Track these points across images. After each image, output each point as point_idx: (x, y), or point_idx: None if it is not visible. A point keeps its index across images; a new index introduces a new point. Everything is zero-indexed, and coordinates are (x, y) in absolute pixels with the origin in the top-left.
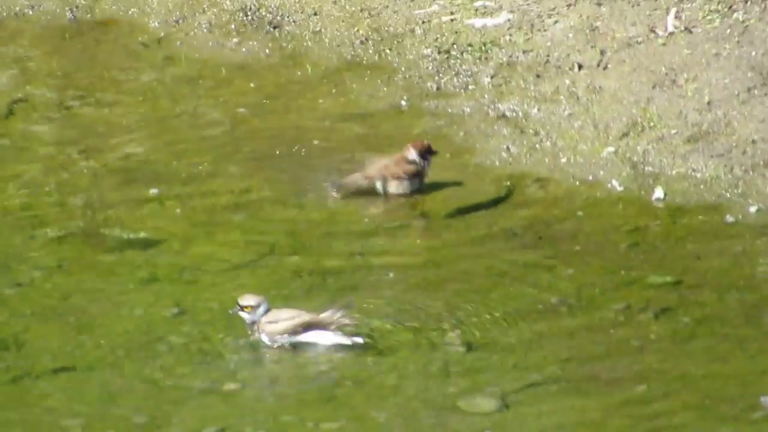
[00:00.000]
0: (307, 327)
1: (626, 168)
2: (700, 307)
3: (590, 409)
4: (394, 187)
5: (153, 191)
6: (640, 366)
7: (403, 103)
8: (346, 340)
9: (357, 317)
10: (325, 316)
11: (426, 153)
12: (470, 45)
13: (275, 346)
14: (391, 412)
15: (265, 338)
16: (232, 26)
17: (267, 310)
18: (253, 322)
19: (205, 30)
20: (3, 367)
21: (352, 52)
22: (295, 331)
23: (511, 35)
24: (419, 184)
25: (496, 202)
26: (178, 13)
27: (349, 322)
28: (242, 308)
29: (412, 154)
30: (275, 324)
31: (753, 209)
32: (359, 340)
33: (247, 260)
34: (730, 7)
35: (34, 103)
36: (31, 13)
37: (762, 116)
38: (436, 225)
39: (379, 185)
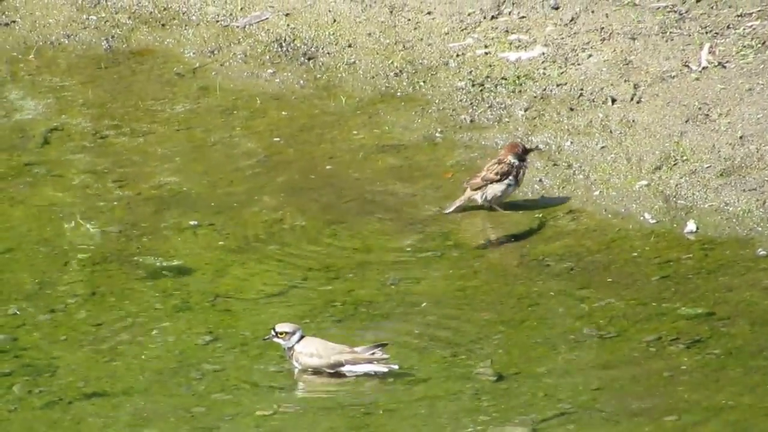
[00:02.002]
0: (342, 365)
1: (659, 201)
2: (731, 339)
3: None
4: (491, 193)
5: (192, 222)
6: (671, 397)
7: (437, 135)
8: (382, 368)
9: (389, 345)
10: (360, 354)
11: (523, 154)
12: (504, 78)
13: (308, 374)
14: None
15: (297, 366)
16: (267, 57)
17: (301, 338)
18: (288, 349)
19: (240, 61)
20: (37, 393)
21: (387, 84)
22: (330, 367)
23: (545, 69)
24: (515, 183)
25: (528, 233)
26: (213, 43)
27: (385, 358)
28: (277, 334)
29: (507, 157)
30: (310, 359)
31: None
32: (395, 366)
33: (280, 289)
34: (764, 42)
35: (70, 132)
36: (66, 42)
37: None
38: (468, 255)
39: (479, 197)
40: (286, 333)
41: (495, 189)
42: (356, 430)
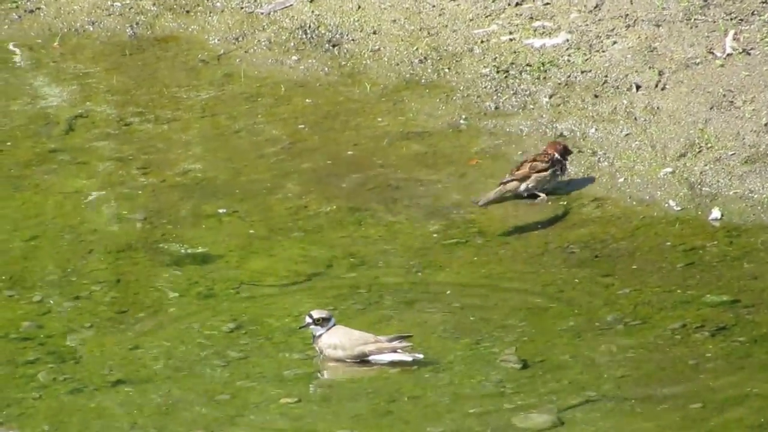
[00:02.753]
0: (366, 356)
1: (683, 188)
2: (757, 327)
3: (645, 427)
4: (536, 180)
5: (221, 210)
6: (695, 384)
7: (462, 122)
8: (407, 357)
9: (413, 335)
10: (384, 344)
11: (564, 153)
12: (529, 65)
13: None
14: (447, 428)
15: (320, 355)
16: (292, 44)
17: (332, 326)
18: (315, 336)
19: (264, 48)
20: (62, 380)
21: (411, 71)
22: (354, 359)
23: (569, 55)
24: (561, 173)
25: (553, 220)
26: (237, 30)
27: (408, 346)
28: (315, 321)
29: (551, 151)
30: (334, 350)
31: None
32: (419, 356)
33: (305, 276)
34: None
35: (94, 119)
36: (91, 29)
37: None
38: (493, 243)
39: (523, 186)
40: (323, 319)
41: (541, 176)
42: (380, 417)
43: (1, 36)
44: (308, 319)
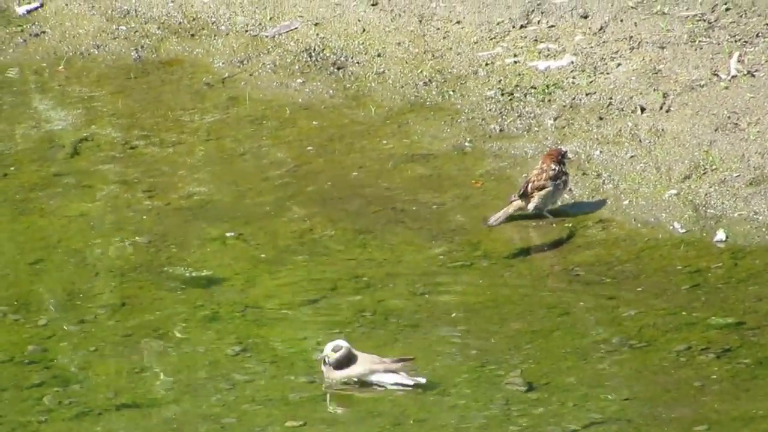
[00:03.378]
0: (370, 375)
1: (688, 210)
2: (762, 349)
3: None
4: (540, 199)
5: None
6: (701, 407)
7: (467, 144)
8: (409, 381)
9: (418, 358)
10: (389, 364)
11: (561, 158)
12: (533, 87)
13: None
14: None
15: (327, 379)
16: (296, 67)
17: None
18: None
19: (269, 70)
20: (67, 403)
21: (416, 94)
22: (358, 377)
23: (574, 78)
24: (563, 187)
25: (558, 242)
26: (242, 53)
27: (413, 369)
28: (324, 360)
29: (548, 164)
30: (339, 372)
31: None
32: (421, 380)
33: (310, 299)
34: None
35: (99, 142)
36: (96, 52)
37: None
38: (498, 265)
39: (530, 206)
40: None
41: (543, 194)
42: None
43: (7, 59)
44: (325, 353)
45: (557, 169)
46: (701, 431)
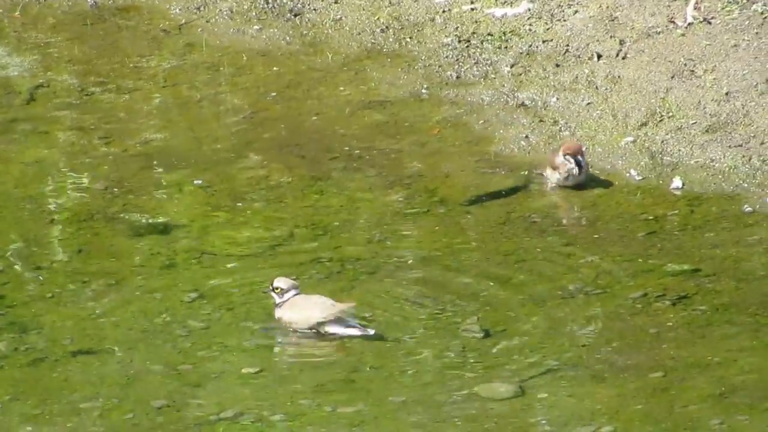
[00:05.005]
0: (322, 324)
1: (644, 158)
2: (717, 296)
3: (606, 396)
4: (554, 178)
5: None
6: (656, 353)
7: (424, 91)
8: (358, 332)
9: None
10: (340, 309)
11: (570, 155)
12: (490, 34)
13: (292, 330)
14: (409, 397)
15: (280, 323)
16: (253, 13)
17: (296, 295)
18: (276, 305)
19: (226, 17)
20: (22, 350)
21: (373, 40)
22: (309, 327)
23: (531, 25)
24: (564, 179)
25: (514, 190)
26: (199, 0)
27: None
28: (273, 289)
29: (560, 157)
30: (292, 314)
31: None
32: (370, 332)
33: (267, 246)
34: None
35: (56, 88)
36: None
37: None
38: (454, 212)
39: (547, 174)
40: (281, 289)
41: (560, 179)
42: (342, 386)
43: None
44: (270, 286)
45: (567, 162)
46: (657, 378)
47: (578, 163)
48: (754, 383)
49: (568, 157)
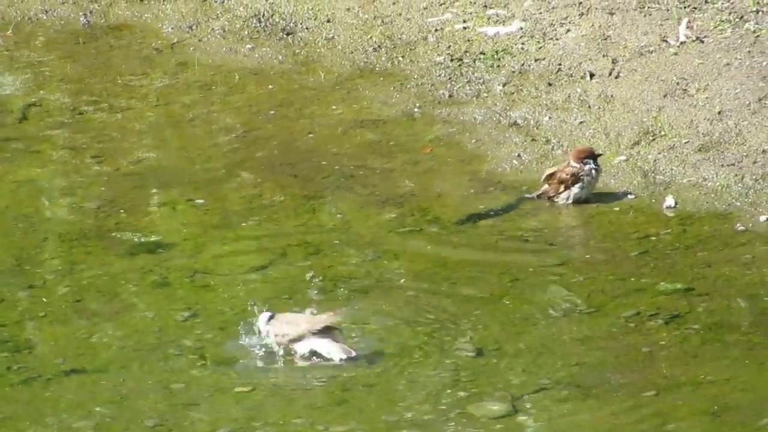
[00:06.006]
0: (303, 338)
1: (637, 176)
2: (710, 315)
3: (599, 415)
4: (561, 197)
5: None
6: (649, 372)
7: (416, 110)
8: (342, 354)
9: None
10: (318, 320)
11: (587, 158)
12: (483, 53)
13: (281, 353)
14: (402, 416)
15: (275, 344)
16: (246, 32)
17: (270, 319)
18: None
19: (218, 36)
20: (15, 369)
21: (365, 59)
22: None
23: (523, 44)
24: (581, 190)
25: (507, 209)
26: (191, 18)
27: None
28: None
29: (574, 165)
30: (280, 327)
31: (763, 218)
32: (352, 354)
33: (259, 265)
34: (742, 17)
35: (48, 107)
36: (45, 17)
37: None
38: (447, 231)
39: (562, 194)
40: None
41: (565, 193)
42: (335, 405)
43: None
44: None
45: (576, 167)
46: (650, 397)
47: (596, 162)
48: (747, 402)
49: (585, 159)
